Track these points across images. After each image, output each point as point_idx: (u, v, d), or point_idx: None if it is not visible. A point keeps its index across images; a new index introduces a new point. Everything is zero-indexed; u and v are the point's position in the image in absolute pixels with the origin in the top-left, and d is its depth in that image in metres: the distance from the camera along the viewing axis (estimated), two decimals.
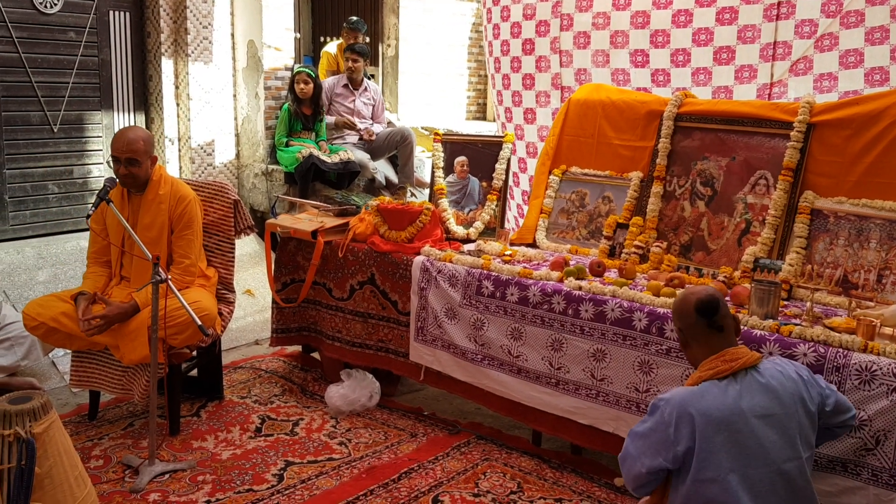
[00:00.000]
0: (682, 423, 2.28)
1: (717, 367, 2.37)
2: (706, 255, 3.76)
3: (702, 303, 2.43)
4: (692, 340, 2.49)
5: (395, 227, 4.12)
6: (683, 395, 2.35)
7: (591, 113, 4.33)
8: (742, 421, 2.26)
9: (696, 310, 2.44)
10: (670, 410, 2.32)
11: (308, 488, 3.29)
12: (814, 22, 4.19)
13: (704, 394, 2.32)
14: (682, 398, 2.33)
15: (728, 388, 2.32)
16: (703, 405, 2.29)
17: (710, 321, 2.43)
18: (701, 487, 2.25)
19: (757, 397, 2.31)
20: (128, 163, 3.59)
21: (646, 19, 4.77)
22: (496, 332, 3.63)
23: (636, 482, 2.41)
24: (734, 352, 2.40)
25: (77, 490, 2.58)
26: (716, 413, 2.27)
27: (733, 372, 2.35)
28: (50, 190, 5.82)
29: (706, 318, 2.43)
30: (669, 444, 2.29)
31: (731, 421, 2.26)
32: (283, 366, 4.70)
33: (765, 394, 2.31)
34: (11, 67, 5.46)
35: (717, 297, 2.45)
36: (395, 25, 8.82)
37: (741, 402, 2.29)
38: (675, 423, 2.29)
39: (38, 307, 3.61)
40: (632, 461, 2.40)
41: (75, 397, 4.17)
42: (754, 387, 2.33)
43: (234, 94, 6.76)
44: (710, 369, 2.38)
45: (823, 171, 3.53)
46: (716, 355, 2.40)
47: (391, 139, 6.75)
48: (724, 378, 2.35)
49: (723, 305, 2.46)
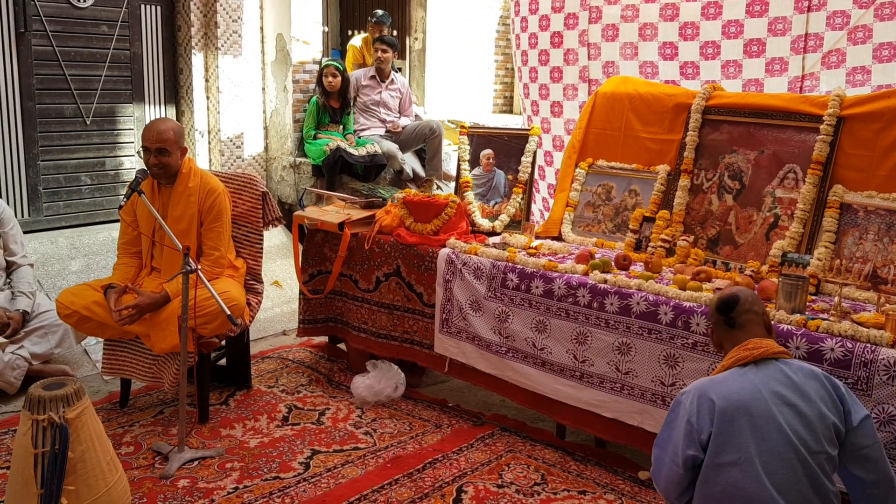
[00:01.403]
0: (702, 410, 2.27)
1: (738, 356, 2.37)
2: (733, 249, 3.73)
3: (721, 300, 2.48)
4: (719, 338, 2.52)
5: (421, 220, 4.14)
6: (702, 382, 2.36)
7: (619, 106, 4.32)
8: (763, 405, 2.24)
9: (715, 307, 2.50)
10: (691, 399, 2.31)
11: (334, 477, 3.33)
12: (846, 13, 4.13)
13: (725, 380, 2.32)
14: (701, 385, 2.34)
15: (748, 374, 2.31)
16: (723, 390, 2.28)
17: (727, 318, 2.45)
18: (721, 472, 2.23)
19: (779, 386, 2.28)
20: (158, 152, 3.64)
21: (675, 12, 4.74)
22: (521, 324, 3.64)
23: (678, 488, 2.34)
24: (757, 341, 2.38)
25: (109, 475, 2.64)
26: (735, 397, 2.26)
27: (755, 360, 2.34)
28: (82, 181, 5.91)
29: (722, 314, 2.46)
30: (694, 433, 2.28)
31: (751, 405, 2.24)
32: (309, 356, 4.75)
33: (788, 384, 2.29)
34: (46, 61, 5.55)
35: (737, 295, 2.46)
36: (423, 19, 8.82)
37: (762, 387, 2.27)
38: (696, 410, 2.28)
39: (70, 296, 3.68)
40: (666, 467, 2.35)
41: (107, 385, 4.25)
42: (777, 375, 2.30)
43: (263, 88, 6.82)
44: (731, 358, 2.39)
45: (853, 165, 3.49)
46: (739, 345, 2.40)
47: (419, 132, 6.77)
48: (746, 365, 2.35)
49: (743, 302, 2.44)
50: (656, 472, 2.40)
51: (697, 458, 2.27)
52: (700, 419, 2.27)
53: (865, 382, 2.69)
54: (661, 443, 2.40)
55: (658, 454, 2.40)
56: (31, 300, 4.22)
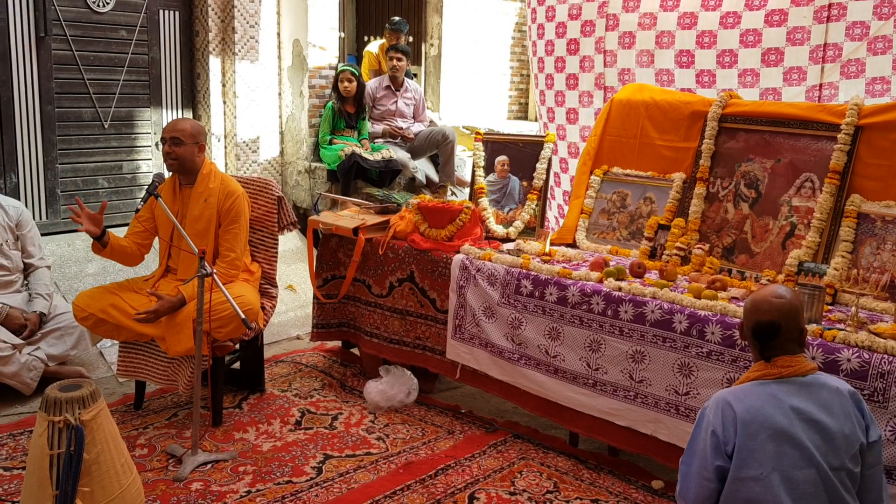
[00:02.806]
0: (727, 421, 2.25)
1: (765, 371, 2.33)
2: (749, 258, 3.72)
3: (760, 327, 2.34)
4: (747, 341, 2.45)
5: (435, 226, 4.15)
6: (725, 394, 2.32)
7: (634, 113, 4.31)
8: (787, 421, 2.21)
9: (752, 331, 2.37)
10: (715, 412, 2.28)
11: (346, 481, 3.33)
12: (865, 24, 4.11)
13: (748, 392, 2.29)
14: (724, 397, 2.30)
15: (773, 389, 2.28)
16: (746, 403, 2.25)
17: (763, 346, 2.35)
18: (742, 486, 2.21)
19: (804, 402, 2.25)
20: (172, 141, 3.72)
21: (693, 20, 4.73)
22: (534, 331, 3.63)
23: (709, 501, 2.29)
24: (788, 359, 2.32)
25: (123, 477, 2.65)
26: (758, 411, 2.23)
27: (781, 377, 2.31)
28: (100, 184, 5.96)
29: (760, 343, 2.36)
30: (721, 445, 2.25)
31: (774, 420, 2.21)
32: (323, 360, 4.75)
33: (812, 401, 2.25)
34: (65, 65, 5.60)
35: (778, 325, 2.31)
36: (439, 25, 8.84)
37: (786, 403, 2.24)
38: (721, 422, 2.25)
39: (87, 299, 3.71)
40: (696, 483, 2.30)
41: (122, 387, 4.28)
42: (802, 392, 2.27)
43: (279, 93, 6.85)
44: (757, 371, 2.34)
45: (871, 175, 3.47)
46: (769, 361, 2.34)
47: (432, 138, 6.78)
48: (771, 381, 2.30)
49: (783, 332, 2.32)
50: (685, 490, 2.34)
51: (725, 468, 2.24)
52: (725, 431, 2.24)
53: (882, 394, 2.66)
54: (687, 459, 2.36)
55: (685, 471, 2.35)
56: (48, 302, 4.25)
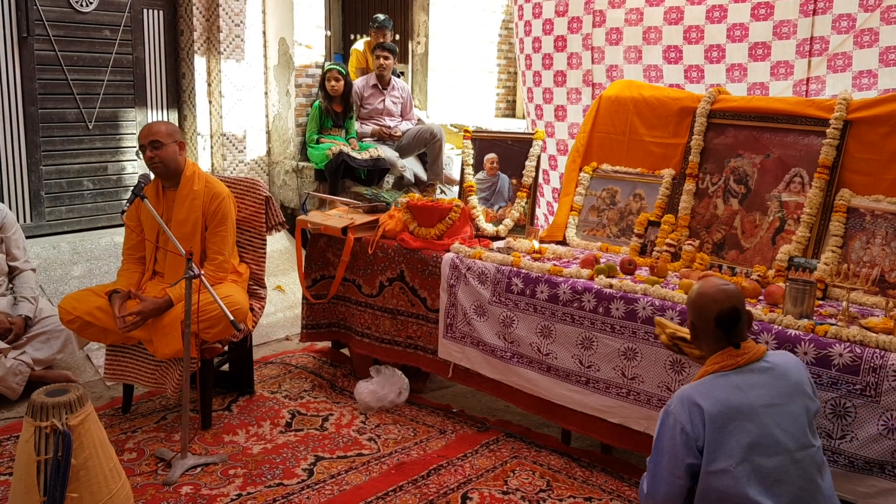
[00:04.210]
0: (694, 417, 2.28)
1: (723, 362, 2.38)
2: (739, 254, 3.72)
3: (723, 316, 2.39)
4: (703, 337, 2.48)
5: (425, 224, 4.12)
6: (689, 390, 2.35)
7: (623, 110, 4.30)
8: (750, 411, 2.27)
9: (716, 321, 2.40)
10: (681, 409, 2.31)
11: (338, 483, 3.31)
12: (852, 17, 4.12)
13: (712, 386, 2.34)
14: (688, 393, 2.33)
15: (734, 380, 2.33)
16: (712, 397, 2.30)
17: (730, 335, 2.40)
18: (714, 480, 2.24)
19: (763, 388, 2.31)
20: (152, 146, 3.67)
21: (679, 15, 4.72)
22: (525, 329, 3.62)
23: (680, 499, 2.32)
24: (747, 345, 2.39)
25: (112, 482, 2.62)
26: (723, 404, 2.27)
27: (738, 366, 2.35)
28: (85, 186, 5.90)
29: (725, 331, 2.40)
30: (691, 440, 2.28)
31: (739, 411, 2.26)
32: (312, 361, 4.73)
33: (771, 384, 2.32)
34: (48, 66, 5.54)
35: (738, 309, 2.40)
36: (425, 23, 8.82)
37: (748, 392, 2.30)
38: (689, 419, 2.28)
39: (73, 301, 3.67)
40: (666, 481, 2.33)
41: (109, 391, 4.24)
42: (761, 378, 2.33)
43: (266, 92, 6.81)
44: (716, 363, 2.39)
45: (860, 169, 3.47)
46: (723, 351, 2.39)
47: (420, 137, 6.75)
48: (730, 371, 2.35)
49: (743, 314, 2.41)
50: (654, 489, 2.37)
51: (696, 465, 2.27)
52: (694, 427, 2.27)
53: (874, 388, 2.66)
54: (655, 458, 2.38)
55: (653, 470, 2.38)
56: (33, 305, 4.20)
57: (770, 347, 2.87)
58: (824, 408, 2.76)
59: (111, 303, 3.60)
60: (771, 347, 2.88)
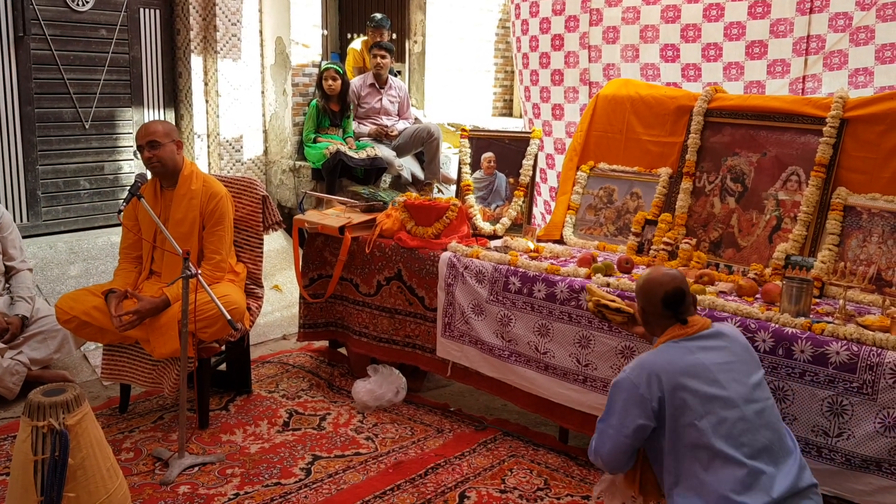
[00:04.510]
0: (651, 381, 2.40)
1: (674, 333, 2.52)
2: (736, 252, 3.72)
3: (668, 297, 2.54)
4: (653, 320, 2.62)
5: (422, 223, 4.12)
6: (644, 357, 2.50)
7: (620, 108, 4.30)
8: (704, 369, 2.40)
9: (662, 302, 2.55)
10: (637, 374, 2.43)
11: (335, 482, 3.31)
12: (848, 15, 4.12)
13: (665, 351, 2.48)
14: (643, 362, 2.47)
15: (686, 345, 2.48)
16: (665, 359, 2.44)
17: (677, 313, 2.54)
18: (683, 433, 2.37)
19: (713, 351, 2.46)
20: (149, 146, 3.67)
21: (676, 13, 4.73)
22: (523, 328, 3.62)
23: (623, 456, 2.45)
24: (694, 319, 2.55)
25: (109, 481, 2.61)
26: (678, 365, 2.41)
27: (689, 335, 2.50)
28: (81, 186, 5.89)
29: (672, 310, 2.54)
30: (645, 401, 2.39)
31: (694, 370, 2.40)
32: (310, 361, 4.72)
33: (720, 347, 2.48)
34: (44, 65, 5.53)
35: (683, 290, 2.55)
36: (422, 22, 8.81)
37: (700, 355, 2.44)
38: (644, 382, 2.41)
39: (70, 301, 3.66)
40: (612, 438, 2.45)
41: (106, 390, 4.23)
42: (710, 343, 2.49)
43: (263, 91, 6.80)
44: (669, 335, 2.54)
45: (856, 167, 3.48)
46: (672, 326, 2.54)
47: (417, 136, 6.74)
48: (681, 339, 2.50)
49: (688, 294, 2.56)
50: (600, 446, 2.49)
51: (647, 427, 2.41)
52: (650, 388, 2.39)
53: (871, 386, 2.67)
54: (605, 418, 2.50)
55: (602, 428, 2.50)
56: (30, 305, 4.19)
57: (767, 346, 2.89)
58: (821, 405, 2.77)
59: (107, 303, 3.60)
60: (768, 346, 2.89)
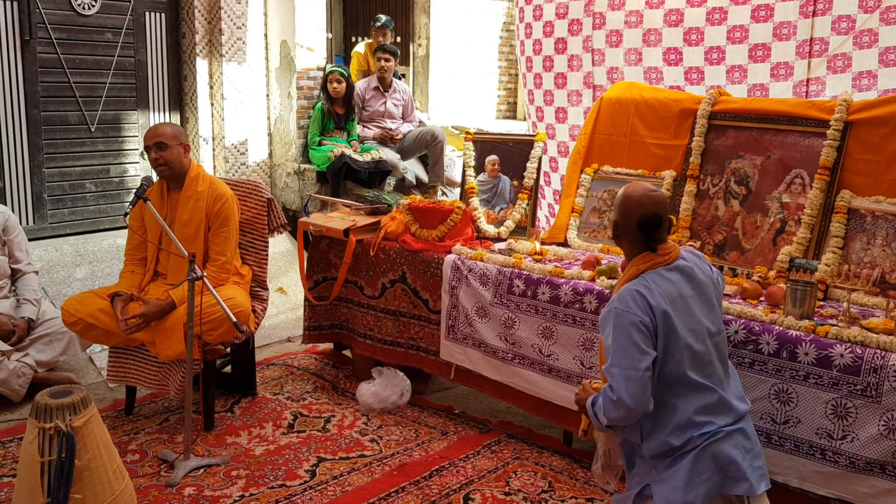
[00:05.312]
0: (645, 308, 2.43)
1: (654, 261, 2.53)
2: (740, 255, 3.72)
3: (645, 220, 2.53)
4: (624, 237, 2.62)
5: (427, 226, 4.13)
6: (630, 288, 2.48)
7: (624, 111, 4.31)
8: (682, 301, 2.48)
9: (637, 225, 2.54)
10: (632, 304, 2.43)
11: (340, 484, 3.32)
12: (851, 18, 4.13)
13: (649, 280, 2.49)
14: (631, 291, 2.46)
15: (665, 275, 2.51)
16: (652, 289, 2.46)
17: (650, 239, 2.54)
18: (663, 365, 2.43)
19: (686, 282, 2.52)
20: (157, 147, 3.69)
21: (679, 17, 4.73)
22: (527, 330, 3.63)
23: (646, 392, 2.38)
24: (666, 247, 2.56)
25: (115, 483, 2.63)
26: (664, 294, 2.45)
27: (667, 264, 2.53)
28: (87, 188, 5.92)
29: (646, 235, 2.54)
30: (650, 332, 2.41)
31: (676, 300, 2.47)
32: (314, 363, 4.73)
33: (692, 277, 2.54)
34: (51, 68, 5.56)
35: (660, 215, 2.54)
36: (426, 25, 8.83)
37: (679, 285, 2.50)
38: (641, 310, 2.41)
39: (76, 304, 3.68)
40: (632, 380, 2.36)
41: (112, 392, 4.25)
42: (685, 275, 2.54)
43: (267, 94, 6.82)
44: (647, 262, 2.54)
45: (860, 170, 3.48)
46: (646, 252, 2.55)
47: (421, 139, 6.76)
48: (661, 268, 2.52)
49: (665, 220, 2.56)
50: (619, 391, 2.38)
51: (654, 356, 2.41)
52: (652, 318, 2.42)
53: (875, 389, 2.67)
54: (615, 361, 2.42)
55: (616, 373, 2.41)
56: (36, 307, 4.21)
57: (772, 348, 2.89)
58: (825, 408, 2.77)
59: (113, 306, 3.61)
60: (772, 348, 2.89)
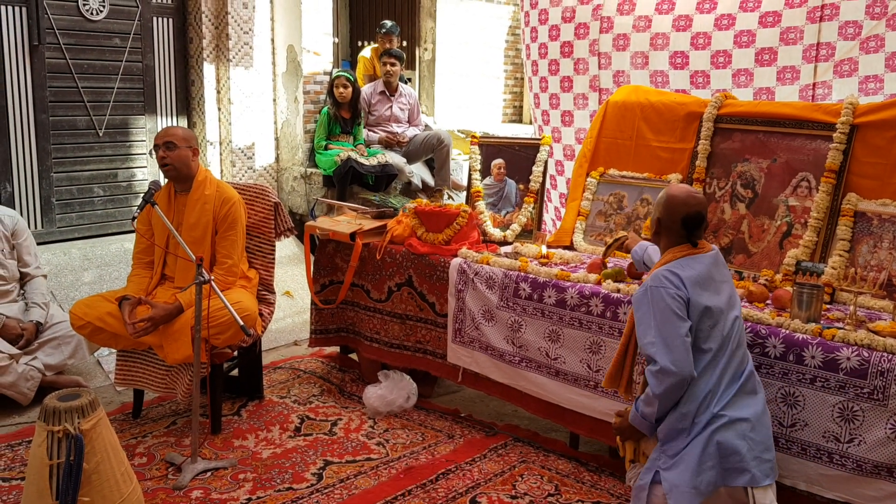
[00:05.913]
0: (677, 282, 2.66)
1: (687, 251, 2.76)
2: (747, 258, 3.72)
3: (689, 218, 2.76)
4: (666, 232, 2.84)
5: (433, 230, 4.14)
6: (662, 270, 2.72)
7: (630, 115, 4.31)
8: (711, 283, 2.71)
9: (682, 221, 2.76)
10: (665, 281, 2.67)
11: (347, 487, 3.33)
12: (858, 24, 4.13)
13: (685, 264, 2.72)
14: (663, 272, 2.71)
15: (701, 260, 2.75)
16: (683, 269, 2.70)
17: (691, 234, 2.77)
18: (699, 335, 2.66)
19: (716, 268, 2.77)
20: (165, 147, 3.71)
21: (688, 22, 4.74)
22: (534, 334, 3.63)
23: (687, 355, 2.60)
24: (703, 243, 2.81)
25: (123, 486, 2.64)
26: (693, 273, 2.69)
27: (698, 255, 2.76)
28: (95, 193, 5.95)
29: (688, 231, 2.77)
30: (684, 302, 2.64)
31: (706, 284, 2.70)
32: (321, 366, 4.74)
33: (722, 266, 2.81)
34: (59, 73, 5.60)
35: (703, 214, 2.78)
36: (433, 29, 8.85)
37: (711, 270, 2.74)
38: (674, 284, 2.65)
39: (84, 307, 3.70)
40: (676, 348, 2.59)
41: (120, 396, 4.26)
42: (717, 260, 2.80)
43: (274, 99, 6.85)
44: (683, 251, 2.77)
45: (867, 173, 3.48)
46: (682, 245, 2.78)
47: (427, 142, 6.77)
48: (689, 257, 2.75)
49: (705, 220, 2.81)
50: (663, 358, 2.59)
51: (690, 324, 2.64)
52: (681, 289, 2.64)
53: (882, 392, 2.67)
54: (654, 333, 2.64)
55: (660, 342, 2.62)
56: (44, 311, 4.23)
57: (778, 351, 2.89)
58: (832, 411, 2.77)
59: (121, 309, 3.63)
60: (779, 351, 2.89)
